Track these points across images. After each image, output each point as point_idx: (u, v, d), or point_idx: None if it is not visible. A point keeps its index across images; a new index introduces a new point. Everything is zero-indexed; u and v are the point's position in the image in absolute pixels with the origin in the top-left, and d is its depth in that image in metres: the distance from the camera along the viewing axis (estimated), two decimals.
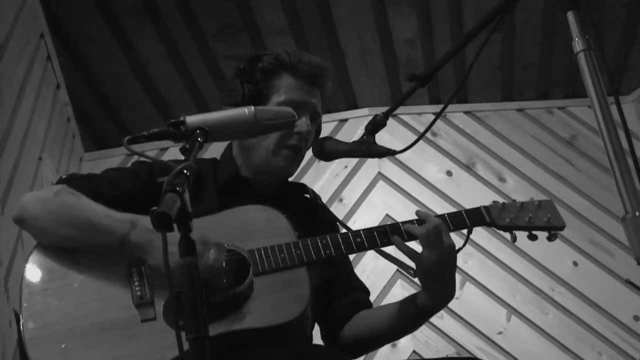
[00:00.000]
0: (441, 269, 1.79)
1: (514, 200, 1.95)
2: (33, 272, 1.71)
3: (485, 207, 1.91)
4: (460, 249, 1.84)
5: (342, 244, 1.81)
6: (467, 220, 1.88)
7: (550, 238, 1.91)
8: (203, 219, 1.76)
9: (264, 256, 1.74)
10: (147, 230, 1.65)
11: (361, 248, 1.83)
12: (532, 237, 1.90)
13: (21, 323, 1.64)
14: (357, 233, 1.84)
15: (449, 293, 1.84)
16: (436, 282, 1.81)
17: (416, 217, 1.85)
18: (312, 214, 2.04)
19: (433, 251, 1.77)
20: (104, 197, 1.78)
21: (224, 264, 1.63)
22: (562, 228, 1.91)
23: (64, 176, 1.87)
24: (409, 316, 1.90)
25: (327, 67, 2.02)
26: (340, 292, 1.99)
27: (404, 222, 1.85)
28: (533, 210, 1.91)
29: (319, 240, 1.80)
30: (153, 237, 1.63)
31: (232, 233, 1.71)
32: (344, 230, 1.92)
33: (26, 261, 1.73)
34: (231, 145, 2.07)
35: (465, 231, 1.88)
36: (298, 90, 1.96)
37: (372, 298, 3.53)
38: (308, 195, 2.08)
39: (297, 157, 1.98)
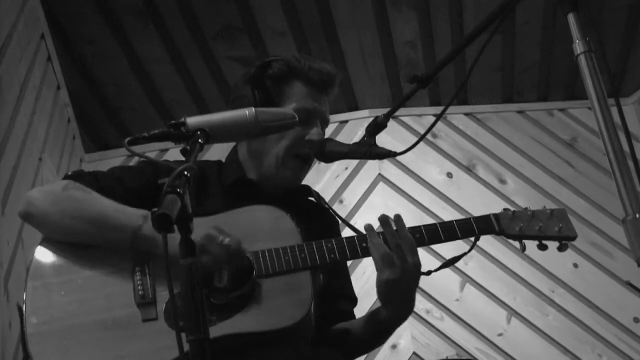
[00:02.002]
0: (398, 289, 1.75)
1: (525, 208, 1.88)
2: (38, 267, 1.71)
3: (495, 215, 1.85)
4: (464, 254, 1.83)
5: (348, 249, 1.79)
6: (475, 229, 1.83)
7: (560, 248, 1.83)
8: (208, 218, 1.76)
9: (267, 258, 1.73)
10: None
11: (366, 253, 1.80)
12: (542, 247, 1.84)
13: (24, 318, 1.63)
14: (363, 238, 1.81)
15: (407, 311, 1.82)
16: (392, 299, 1.78)
17: (416, 223, 1.84)
18: (316, 217, 2.03)
19: (389, 270, 1.73)
20: (111, 194, 1.77)
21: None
22: (573, 238, 1.84)
23: (69, 172, 1.86)
24: (372, 331, 1.89)
25: (336, 73, 2.01)
26: (327, 299, 1.93)
27: (377, 234, 1.79)
28: (544, 220, 1.84)
29: (324, 244, 1.78)
30: None
31: (237, 233, 1.70)
32: (348, 233, 1.89)
33: (31, 255, 1.72)
34: (237, 148, 2.06)
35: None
36: (309, 99, 1.95)
37: (371, 301, 3.51)
38: (313, 198, 2.08)
39: (306, 166, 1.98)
